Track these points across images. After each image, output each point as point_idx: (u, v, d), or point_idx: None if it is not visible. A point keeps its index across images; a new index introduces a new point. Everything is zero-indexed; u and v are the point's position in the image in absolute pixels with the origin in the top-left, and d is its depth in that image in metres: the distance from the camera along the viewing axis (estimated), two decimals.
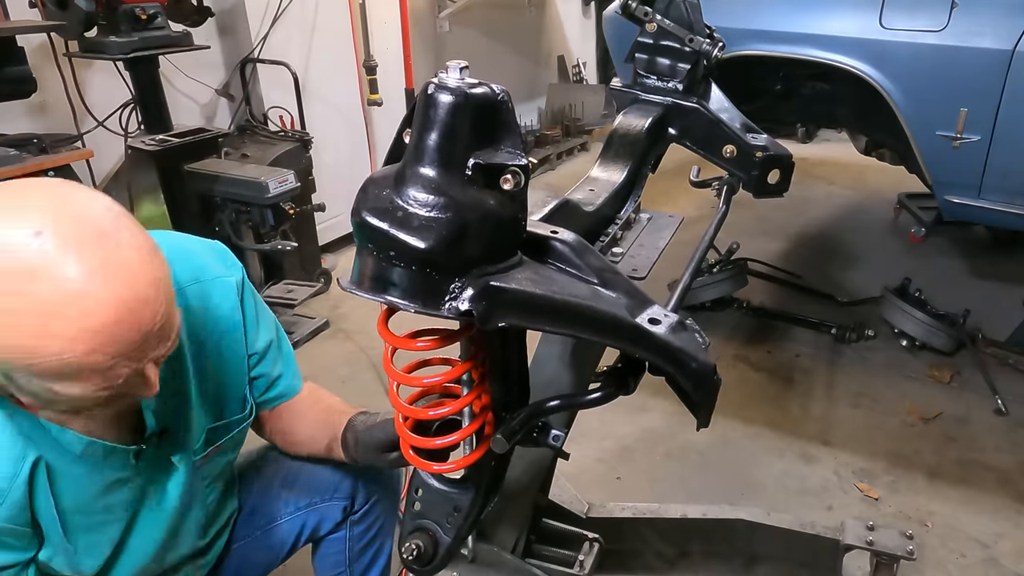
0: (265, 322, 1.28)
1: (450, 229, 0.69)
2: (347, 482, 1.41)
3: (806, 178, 5.26)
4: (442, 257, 0.70)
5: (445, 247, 0.69)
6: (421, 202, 0.70)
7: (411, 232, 0.69)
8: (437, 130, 0.70)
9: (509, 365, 0.94)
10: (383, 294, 0.72)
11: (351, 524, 1.44)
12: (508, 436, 0.90)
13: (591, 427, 2.60)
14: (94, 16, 2.69)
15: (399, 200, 0.70)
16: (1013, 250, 3.98)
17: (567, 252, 0.85)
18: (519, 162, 0.73)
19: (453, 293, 0.71)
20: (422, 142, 0.71)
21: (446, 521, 1.00)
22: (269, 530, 1.40)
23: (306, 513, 1.40)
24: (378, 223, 0.70)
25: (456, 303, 0.71)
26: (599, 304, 0.81)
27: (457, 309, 0.71)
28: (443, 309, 0.71)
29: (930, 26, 2.31)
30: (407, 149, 0.73)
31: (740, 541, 1.94)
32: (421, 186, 0.70)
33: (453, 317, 0.72)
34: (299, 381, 1.36)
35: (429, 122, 0.71)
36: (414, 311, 0.71)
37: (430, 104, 0.70)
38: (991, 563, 2.06)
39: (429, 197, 0.70)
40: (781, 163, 1.38)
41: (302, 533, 1.42)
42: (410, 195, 0.70)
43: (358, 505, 1.42)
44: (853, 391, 2.86)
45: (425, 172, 0.71)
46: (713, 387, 0.87)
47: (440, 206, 0.69)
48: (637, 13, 1.33)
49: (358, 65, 4.11)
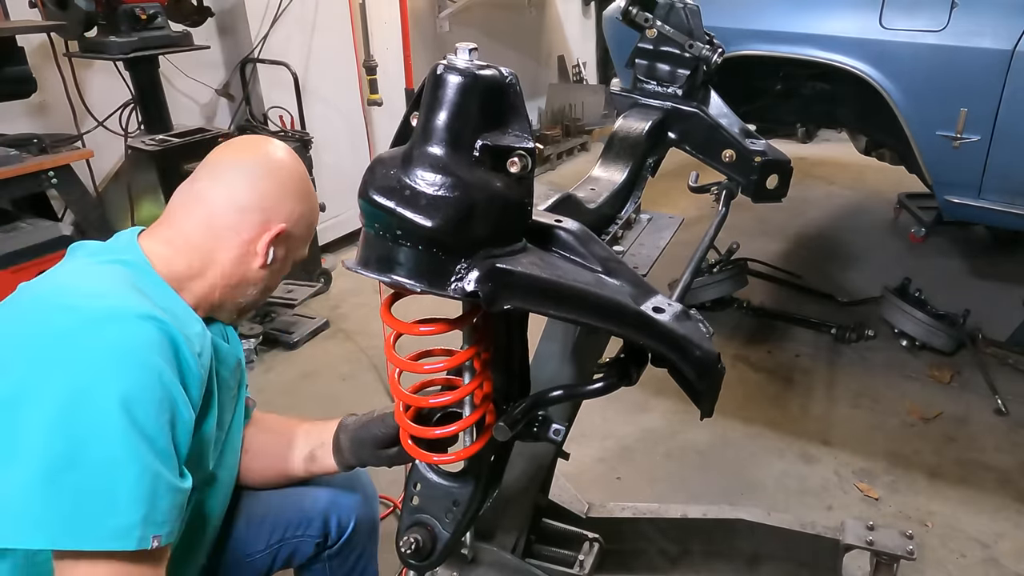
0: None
1: (457, 208, 0.69)
2: (317, 518, 1.35)
3: (806, 178, 5.26)
4: (449, 236, 0.69)
5: (452, 226, 0.69)
6: (428, 181, 0.69)
7: (418, 211, 0.69)
8: (446, 110, 0.70)
9: (511, 354, 0.94)
10: (389, 274, 0.71)
11: (329, 557, 1.39)
12: (510, 425, 0.90)
13: (591, 427, 2.60)
14: (94, 16, 2.69)
15: (406, 179, 0.70)
16: (1013, 250, 3.97)
17: (571, 240, 0.85)
18: (526, 145, 0.73)
19: (459, 274, 0.71)
20: (430, 122, 0.71)
21: (445, 515, 1.00)
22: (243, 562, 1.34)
23: (277, 547, 1.34)
24: (385, 201, 0.70)
25: (462, 284, 0.71)
26: (604, 291, 0.81)
27: (463, 290, 0.71)
28: (449, 289, 0.71)
29: (930, 26, 2.31)
30: (415, 129, 0.73)
31: (740, 541, 1.94)
32: (429, 165, 0.70)
33: (459, 297, 0.72)
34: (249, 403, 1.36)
35: (437, 102, 0.70)
36: (420, 291, 0.71)
37: (439, 84, 0.70)
38: (991, 563, 2.06)
39: (436, 176, 0.70)
40: (780, 168, 1.39)
41: (274, 564, 1.36)
42: (417, 174, 0.70)
43: (332, 540, 1.37)
44: (853, 391, 2.86)
45: (433, 152, 0.70)
46: (717, 376, 0.87)
47: (448, 185, 0.69)
48: (638, 19, 1.34)
49: (358, 65, 4.10)
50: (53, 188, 2.42)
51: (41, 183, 2.38)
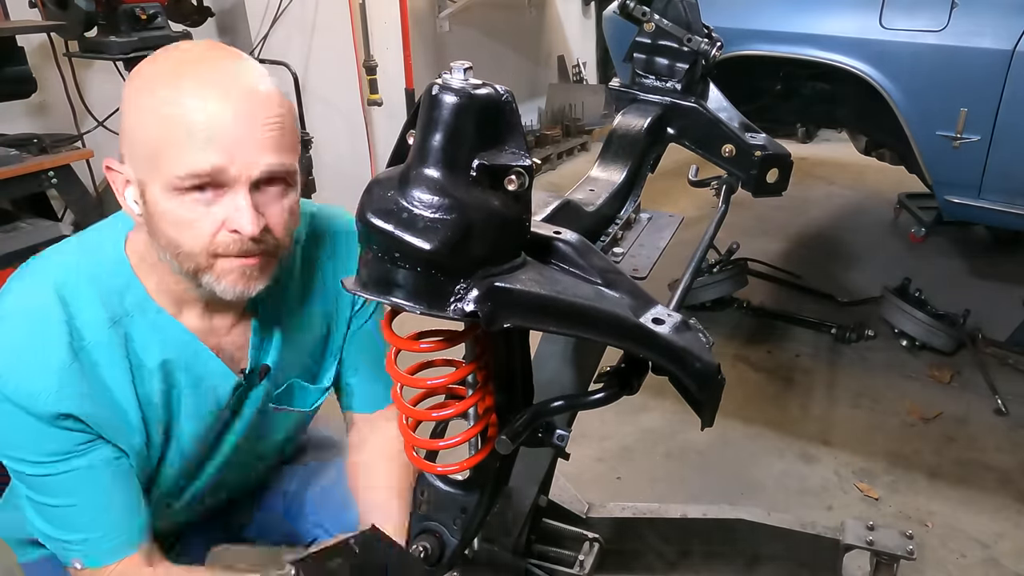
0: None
1: (455, 230, 0.69)
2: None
3: (806, 178, 5.26)
4: (447, 258, 0.69)
5: (450, 248, 0.69)
6: (426, 203, 0.70)
7: (416, 233, 0.69)
8: (441, 131, 0.70)
9: (513, 366, 0.94)
10: (388, 296, 0.72)
11: None
12: (512, 437, 0.90)
13: (591, 427, 2.60)
14: (94, 16, 2.69)
15: (404, 201, 0.70)
16: (1013, 250, 3.97)
17: (570, 253, 0.85)
18: (523, 163, 0.73)
19: (458, 294, 0.71)
20: (426, 143, 0.71)
21: (452, 523, 1.00)
22: (289, 521, 1.37)
23: (322, 532, 1.34)
24: (383, 225, 0.70)
25: (461, 304, 0.71)
26: (603, 304, 0.81)
27: (462, 310, 0.71)
28: (448, 311, 0.71)
29: (930, 26, 2.31)
30: (411, 150, 0.73)
31: (740, 541, 1.94)
32: (425, 187, 0.70)
33: (458, 318, 0.72)
34: (380, 398, 1.32)
35: (433, 123, 0.70)
36: (419, 313, 0.71)
37: (434, 105, 0.70)
38: (991, 563, 2.06)
39: (434, 198, 0.70)
40: (780, 162, 1.38)
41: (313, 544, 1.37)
42: (415, 196, 0.70)
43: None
44: (853, 391, 2.86)
45: (429, 173, 0.71)
46: (717, 387, 0.87)
47: (445, 207, 0.69)
48: (635, 13, 1.33)
49: (358, 65, 4.10)
50: (53, 188, 2.42)
51: (41, 183, 2.38)
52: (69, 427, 0.99)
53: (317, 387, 1.27)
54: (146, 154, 0.93)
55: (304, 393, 1.26)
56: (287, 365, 1.20)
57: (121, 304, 1.03)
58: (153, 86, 0.93)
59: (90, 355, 1.00)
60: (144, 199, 0.96)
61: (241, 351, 1.14)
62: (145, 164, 0.94)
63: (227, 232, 0.95)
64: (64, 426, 0.99)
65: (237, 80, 0.93)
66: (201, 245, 0.95)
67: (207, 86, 0.91)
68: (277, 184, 0.98)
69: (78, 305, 1.00)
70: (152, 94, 0.92)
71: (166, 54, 0.97)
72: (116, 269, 1.04)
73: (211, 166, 0.91)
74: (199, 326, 1.08)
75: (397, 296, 0.71)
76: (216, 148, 0.91)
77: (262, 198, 0.97)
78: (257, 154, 0.93)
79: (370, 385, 1.32)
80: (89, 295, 1.01)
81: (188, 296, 1.06)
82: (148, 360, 1.05)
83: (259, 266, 0.99)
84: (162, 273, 1.03)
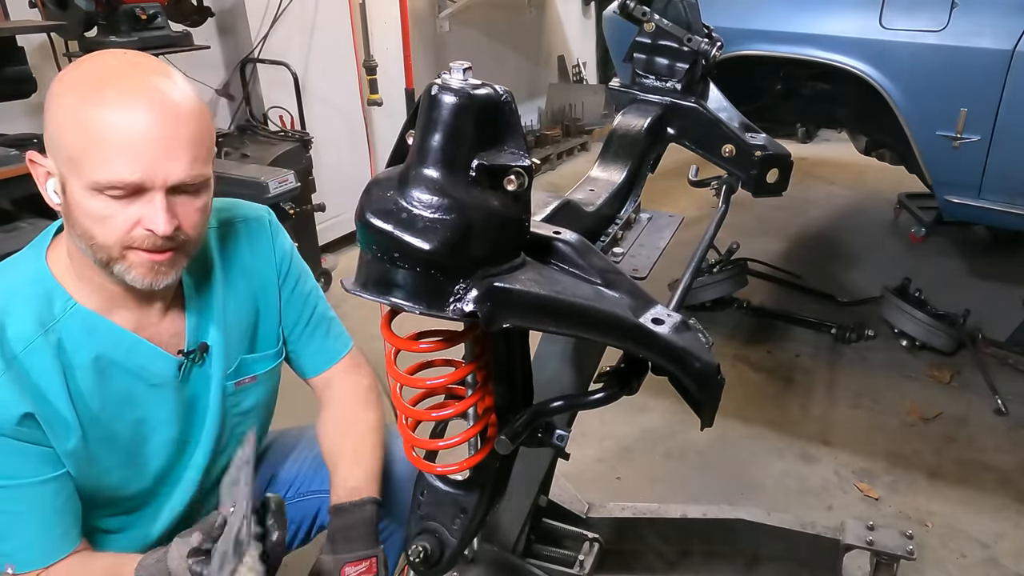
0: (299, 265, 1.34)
1: (454, 230, 0.69)
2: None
3: (806, 178, 5.26)
4: (446, 258, 0.70)
5: (449, 248, 0.69)
6: (425, 203, 0.70)
7: (415, 234, 0.69)
8: (441, 131, 0.70)
9: (512, 366, 0.94)
10: (387, 296, 0.72)
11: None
12: (512, 437, 0.90)
13: (591, 427, 2.60)
14: (94, 16, 2.69)
15: (403, 202, 0.70)
16: (1013, 250, 3.98)
17: (570, 253, 0.85)
18: (522, 163, 0.73)
19: (457, 295, 0.71)
20: (425, 143, 0.71)
21: (452, 523, 1.00)
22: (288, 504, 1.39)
23: (322, 497, 1.37)
24: (382, 225, 0.70)
25: (461, 304, 0.71)
26: (603, 304, 0.81)
27: (462, 311, 0.71)
28: (448, 311, 0.71)
29: (930, 26, 2.31)
30: (411, 151, 0.73)
31: (740, 541, 1.94)
32: (425, 187, 0.70)
33: (458, 319, 0.72)
34: (330, 353, 1.37)
35: (432, 123, 0.70)
36: (419, 313, 0.71)
37: (433, 105, 0.70)
38: (991, 563, 2.06)
39: (433, 198, 0.70)
40: (780, 162, 1.38)
41: (317, 517, 1.41)
42: (414, 196, 0.70)
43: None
44: (853, 391, 2.86)
45: (429, 173, 0.71)
46: (717, 387, 0.87)
47: (444, 207, 0.69)
48: (635, 13, 1.33)
49: (358, 65, 4.10)
50: None
51: None
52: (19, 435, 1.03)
53: (265, 353, 1.31)
54: (68, 156, 0.98)
55: (255, 363, 1.30)
56: (228, 343, 1.23)
57: (50, 311, 1.07)
58: (77, 94, 0.97)
59: (23, 363, 1.03)
60: (64, 192, 1.01)
61: (177, 337, 1.18)
62: (67, 164, 0.99)
63: (142, 229, 1.00)
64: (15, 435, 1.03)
65: (158, 95, 0.99)
66: (115, 238, 1.00)
67: (130, 100, 0.96)
68: (192, 188, 1.04)
69: (2, 320, 1.04)
70: (76, 102, 0.96)
71: (92, 62, 1.01)
72: (38, 279, 1.08)
73: (130, 178, 0.96)
74: (131, 321, 1.13)
75: (397, 296, 0.71)
76: (135, 162, 0.96)
77: (176, 199, 1.02)
78: (174, 167, 0.99)
79: (318, 343, 1.37)
80: (14, 308, 1.05)
81: (115, 294, 1.10)
82: (79, 358, 1.08)
83: (168, 261, 1.05)
84: (87, 275, 1.07)
